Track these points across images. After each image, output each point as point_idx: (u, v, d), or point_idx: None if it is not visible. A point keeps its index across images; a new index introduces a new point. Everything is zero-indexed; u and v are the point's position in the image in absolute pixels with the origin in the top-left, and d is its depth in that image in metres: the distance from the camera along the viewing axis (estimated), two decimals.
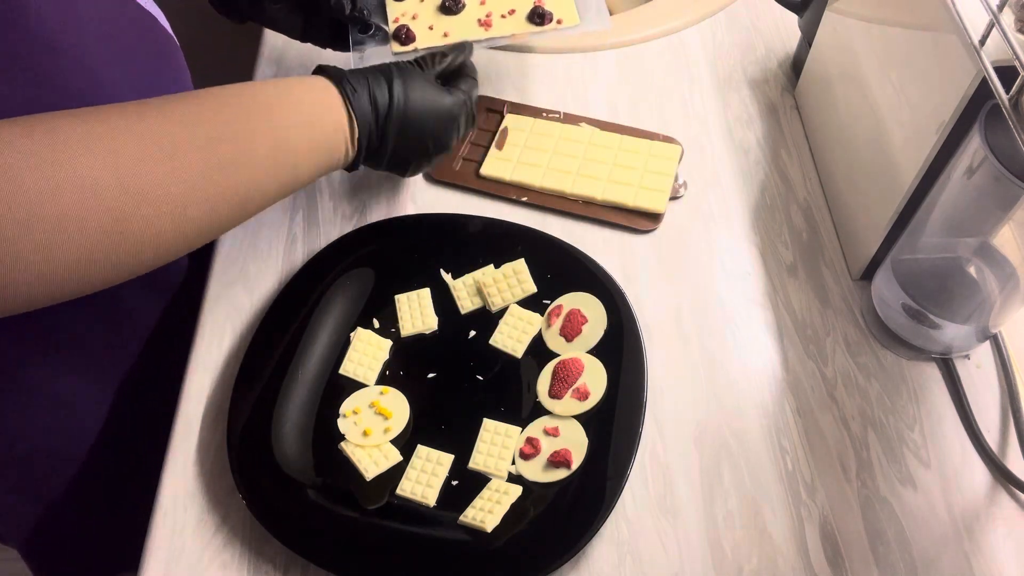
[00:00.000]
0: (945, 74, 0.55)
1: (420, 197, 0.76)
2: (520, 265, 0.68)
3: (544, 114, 0.81)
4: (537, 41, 0.89)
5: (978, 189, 0.56)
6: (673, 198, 0.76)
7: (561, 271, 0.68)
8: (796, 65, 0.84)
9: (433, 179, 0.77)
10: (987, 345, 0.65)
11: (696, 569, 0.57)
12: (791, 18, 0.85)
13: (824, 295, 0.70)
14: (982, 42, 0.52)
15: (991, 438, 0.61)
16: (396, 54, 0.72)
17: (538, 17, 0.73)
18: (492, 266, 0.69)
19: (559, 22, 0.73)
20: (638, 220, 0.74)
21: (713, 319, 0.68)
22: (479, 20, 0.72)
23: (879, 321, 0.67)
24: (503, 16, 0.73)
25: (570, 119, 0.81)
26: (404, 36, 0.72)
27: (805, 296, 0.70)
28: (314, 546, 0.56)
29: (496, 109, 0.82)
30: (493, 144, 0.79)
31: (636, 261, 0.72)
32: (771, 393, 0.64)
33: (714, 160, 0.79)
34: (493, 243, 0.70)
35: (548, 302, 0.67)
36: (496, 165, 0.77)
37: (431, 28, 0.72)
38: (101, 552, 0.74)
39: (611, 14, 0.75)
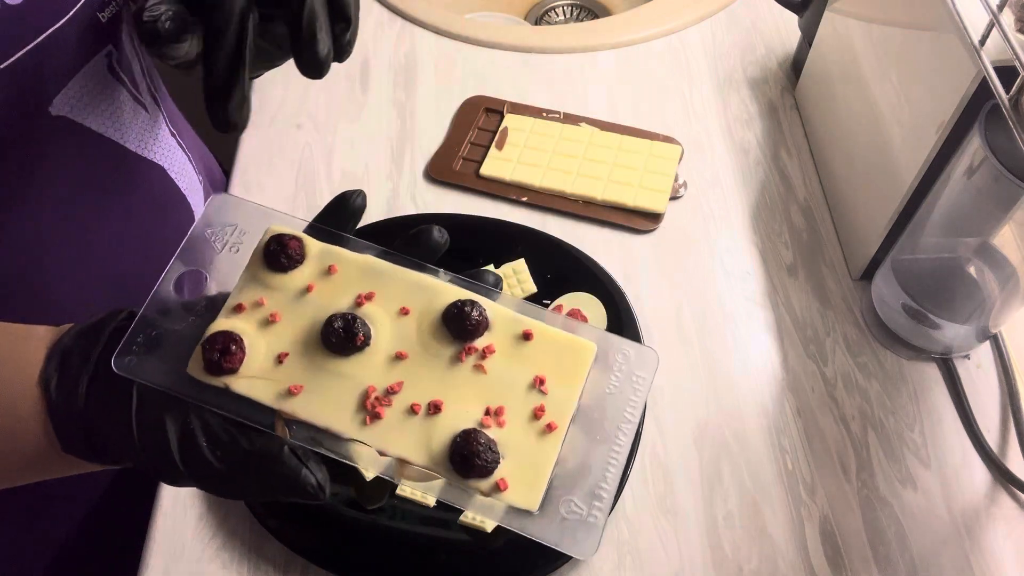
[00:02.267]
0: (945, 74, 0.55)
1: (420, 197, 0.76)
2: (520, 265, 0.68)
3: (544, 114, 0.81)
4: (537, 41, 0.90)
5: (978, 189, 0.56)
6: (673, 198, 0.76)
7: (561, 271, 0.68)
8: (796, 65, 0.84)
9: (433, 179, 0.77)
10: (987, 345, 0.65)
11: (696, 569, 0.57)
12: (791, 18, 0.85)
13: (824, 295, 0.70)
14: (982, 42, 0.52)
15: (991, 438, 0.61)
16: (193, 381, 0.39)
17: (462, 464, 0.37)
18: (492, 266, 0.69)
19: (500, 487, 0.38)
20: (638, 220, 0.74)
21: (713, 319, 0.68)
22: (364, 402, 0.39)
23: (879, 321, 0.67)
24: (410, 412, 0.39)
25: (570, 119, 0.81)
26: (219, 356, 0.39)
27: (805, 296, 0.70)
28: (314, 546, 0.56)
29: (496, 109, 0.82)
30: (493, 144, 0.79)
31: (636, 261, 0.72)
32: (771, 393, 0.64)
33: (714, 160, 0.79)
34: (493, 243, 0.70)
35: (548, 302, 0.67)
36: (496, 165, 0.77)
37: (279, 361, 0.40)
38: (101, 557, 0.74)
39: (611, 14, 0.75)
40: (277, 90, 0.85)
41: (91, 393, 0.40)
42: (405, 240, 0.43)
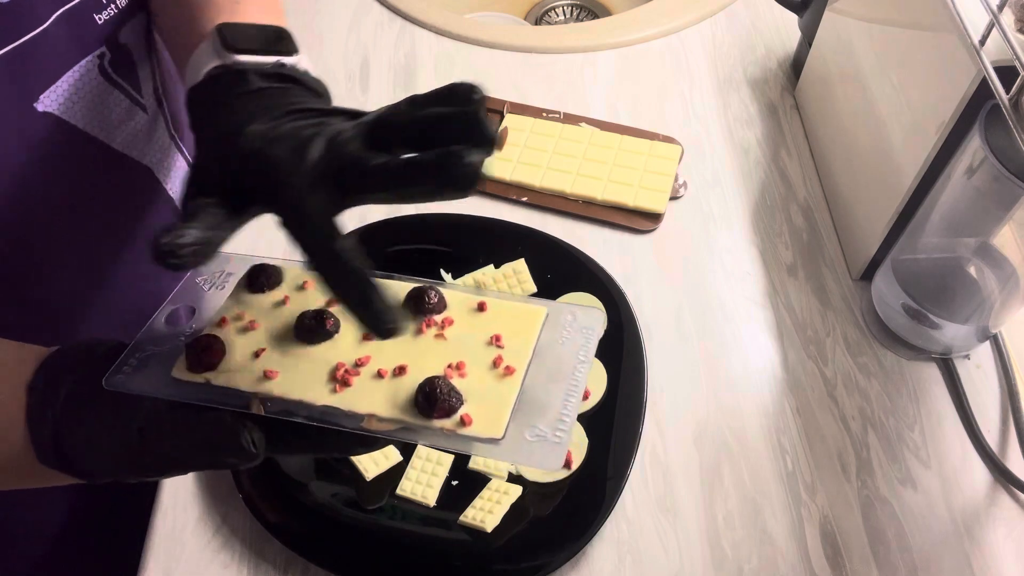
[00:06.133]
0: (945, 74, 0.55)
1: None
2: (520, 265, 0.68)
3: (544, 114, 0.81)
4: (537, 41, 0.90)
5: (978, 189, 0.56)
6: (673, 198, 0.76)
7: (561, 271, 0.68)
8: (796, 65, 0.84)
9: None
10: (987, 345, 0.65)
11: (696, 569, 0.57)
12: (791, 18, 0.85)
13: (824, 295, 0.70)
14: (982, 42, 0.52)
15: (991, 438, 0.61)
16: (176, 381, 0.42)
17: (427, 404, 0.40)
18: (492, 266, 0.69)
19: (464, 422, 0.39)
20: (638, 220, 0.74)
21: (713, 319, 0.68)
22: (334, 374, 0.42)
23: (879, 321, 0.67)
24: (377, 376, 0.41)
25: (570, 119, 0.81)
26: (200, 353, 0.42)
27: (805, 296, 0.70)
28: (314, 546, 0.56)
29: (496, 109, 0.82)
30: None
31: (636, 261, 0.72)
32: (771, 393, 0.64)
33: (714, 160, 0.79)
34: (493, 243, 0.70)
35: None
36: (496, 165, 0.77)
37: (256, 356, 0.42)
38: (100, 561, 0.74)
39: (611, 14, 0.75)
40: None
41: (66, 403, 0.42)
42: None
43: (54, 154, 0.55)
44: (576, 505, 0.57)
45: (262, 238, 0.74)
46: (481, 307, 0.44)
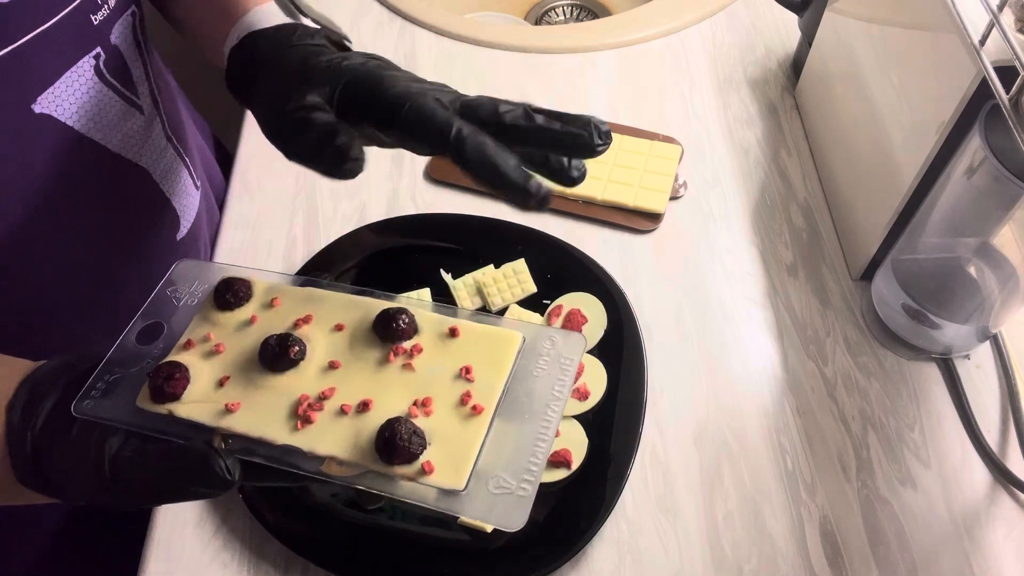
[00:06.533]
0: (945, 74, 0.55)
1: (420, 197, 0.76)
2: (520, 265, 0.68)
3: None
4: (537, 41, 0.90)
5: (978, 189, 0.56)
6: (673, 198, 0.76)
7: (561, 271, 0.68)
8: (796, 65, 0.84)
9: (433, 179, 0.77)
10: (987, 345, 0.65)
11: (696, 569, 0.57)
12: (791, 18, 0.85)
13: (824, 295, 0.70)
14: (982, 42, 0.52)
15: (991, 438, 0.61)
16: (141, 411, 0.42)
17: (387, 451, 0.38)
18: (492, 266, 0.69)
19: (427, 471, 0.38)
20: (638, 220, 0.74)
21: (713, 319, 0.68)
22: (297, 409, 0.40)
23: (879, 321, 0.67)
24: (340, 413, 0.40)
25: None
26: (163, 383, 0.41)
27: (805, 296, 0.70)
28: (314, 546, 0.56)
29: None
30: None
31: (636, 261, 0.72)
32: (771, 393, 0.64)
33: (714, 160, 0.79)
34: (493, 243, 0.70)
35: (548, 302, 0.67)
36: None
37: (220, 384, 0.42)
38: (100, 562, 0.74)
39: (611, 14, 0.75)
40: None
41: (44, 426, 0.42)
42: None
43: (50, 156, 0.55)
44: (576, 505, 0.57)
45: (262, 237, 0.74)
46: (453, 332, 0.42)
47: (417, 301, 0.44)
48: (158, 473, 0.40)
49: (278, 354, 0.41)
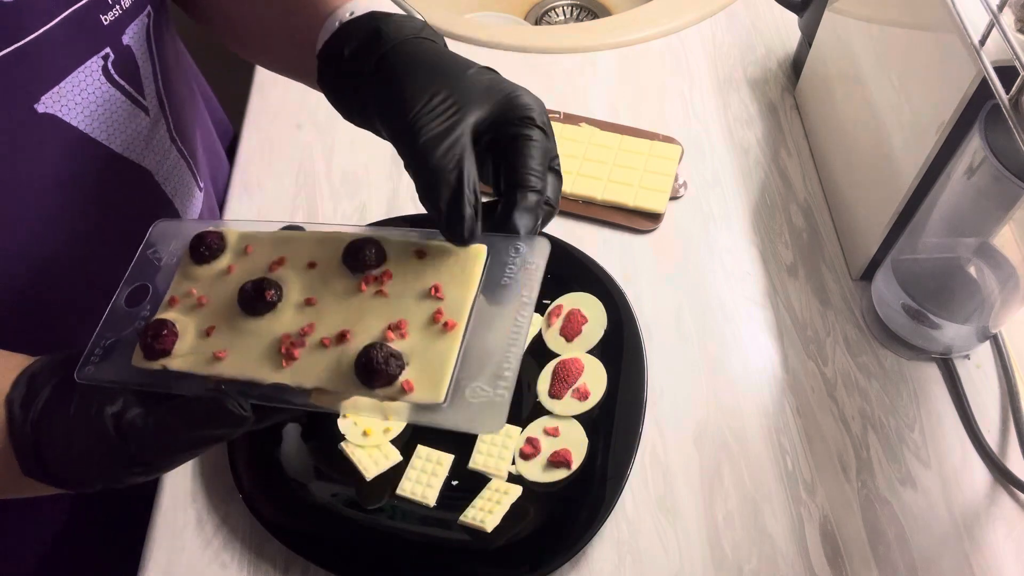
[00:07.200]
0: (945, 74, 0.55)
1: None
2: None
3: None
4: (537, 41, 0.90)
5: (978, 189, 0.56)
6: (673, 198, 0.76)
7: (561, 271, 0.68)
8: (796, 65, 0.84)
9: None
10: (987, 345, 0.65)
11: (696, 569, 0.57)
12: (791, 18, 0.85)
13: (824, 295, 0.70)
14: (982, 42, 0.52)
15: (991, 438, 0.61)
16: (137, 370, 0.43)
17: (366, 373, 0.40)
18: None
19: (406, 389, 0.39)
20: (638, 220, 0.74)
21: (713, 319, 0.68)
22: (280, 347, 0.42)
23: (879, 321, 0.67)
24: (320, 346, 0.42)
25: (570, 119, 0.81)
26: (153, 341, 0.43)
27: (805, 296, 0.70)
28: (314, 546, 0.56)
29: None
30: None
31: (636, 261, 0.72)
32: (771, 393, 0.64)
33: (714, 160, 0.79)
34: None
35: (548, 302, 0.67)
36: None
37: (207, 334, 0.43)
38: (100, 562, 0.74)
39: (611, 14, 0.75)
40: (277, 90, 0.85)
41: (43, 409, 0.43)
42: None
43: (52, 155, 0.55)
44: (576, 505, 0.57)
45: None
46: (420, 253, 0.43)
47: (383, 229, 0.46)
48: (174, 426, 0.41)
49: (255, 298, 0.43)
